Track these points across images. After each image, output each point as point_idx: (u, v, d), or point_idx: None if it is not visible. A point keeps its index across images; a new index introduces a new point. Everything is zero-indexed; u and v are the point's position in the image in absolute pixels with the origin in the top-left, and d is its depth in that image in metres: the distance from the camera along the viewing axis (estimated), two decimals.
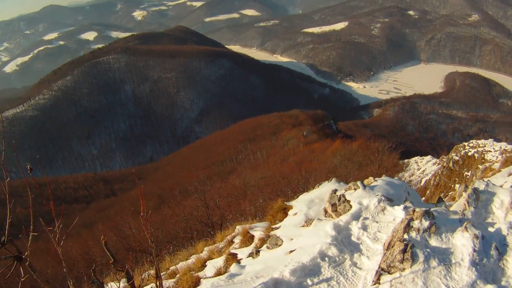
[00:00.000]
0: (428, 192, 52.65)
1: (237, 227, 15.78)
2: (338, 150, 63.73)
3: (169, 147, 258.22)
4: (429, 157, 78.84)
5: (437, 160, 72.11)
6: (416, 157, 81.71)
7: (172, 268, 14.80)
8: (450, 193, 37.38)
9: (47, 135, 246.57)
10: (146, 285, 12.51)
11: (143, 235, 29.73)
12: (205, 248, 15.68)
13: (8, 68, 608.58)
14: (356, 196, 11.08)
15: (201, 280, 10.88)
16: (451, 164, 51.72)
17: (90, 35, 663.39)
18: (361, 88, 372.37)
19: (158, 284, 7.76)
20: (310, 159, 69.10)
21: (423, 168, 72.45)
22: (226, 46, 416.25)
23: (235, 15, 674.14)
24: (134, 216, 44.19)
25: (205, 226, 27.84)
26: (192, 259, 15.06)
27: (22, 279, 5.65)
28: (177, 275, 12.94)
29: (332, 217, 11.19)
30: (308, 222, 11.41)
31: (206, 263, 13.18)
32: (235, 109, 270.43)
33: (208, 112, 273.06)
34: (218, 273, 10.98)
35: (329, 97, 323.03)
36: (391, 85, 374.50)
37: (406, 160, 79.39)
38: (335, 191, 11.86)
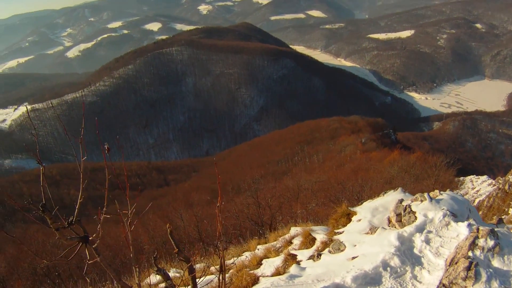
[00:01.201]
0: (480, 213, 51.66)
1: (292, 228, 15.66)
2: (395, 160, 62.85)
3: (226, 143, 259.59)
4: (485, 177, 77.15)
5: (493, 181, 70.50)
6: (471, 176, 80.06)
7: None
8: (504, 217, 36.70)
9: (104, 121, 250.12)
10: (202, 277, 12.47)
11: (192, 227, 30.08)
12: (259, 246, 15.67)
13: (71, 54, 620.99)
14: (422, 208, 10.97)
15: (260, 278, 10.90)
16: (507, 187, 50.57)
17: (154, 26, 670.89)
18: (423, 100, 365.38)
19: (221, 277, 7.87)
20: (367, 167, 68.31)
21: (477, 187, 70.93)
22: (290, 46, 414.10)
23: (301, 15, 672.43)
24: (186, 207, 44.53)
25: (255, 224, 27.90)
26: (245, 255, 15.09)
27: (89, 262, 5.76)
28: (230, 271, 12.79)
29: (396, 227, 11.10)
30: (372, 229, 11.32)
31: (262, 261, 13.09)
32: (295, 110, 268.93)
33: (268, 110, 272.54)
34: (277, 272, 10.97)
35: (390, 106, 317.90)
36: (453, 98, 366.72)
37: (461, 178, 78.08)
38: (401, 201, 11.82)
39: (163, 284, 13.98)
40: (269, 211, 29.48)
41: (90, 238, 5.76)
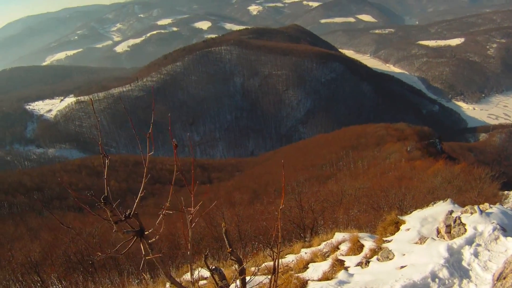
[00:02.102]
0: None
1: (337, 233, 15.78)
2: (439, 171, 62.20)
3: (272, 144, 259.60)
4: None
5: None
6: None
7: (266, 264, 14.47)
8: None
9: (150, 116, 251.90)
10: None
11: (233, 226, 30.30)
12: (303, 250, 15.70)
13: (119, 48, 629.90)
14: (472, 220, 10.93)
15: (309, 282, 10.89)
16: None
17: (204, 25, 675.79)
18: (470, 110, 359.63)
19: (273, 279, 7.60)
20: (410, 176, 67.77)
21: None
22: (340, 50, 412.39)
23: (351, 19, 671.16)
24: (228, 206, 44.85)
25: (296, 227, 27.90)
26: (289, 258, 15.20)
27: (146, 258, 5.65)
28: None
29: (445, 238, 11.06)
30: (421, 239, 11.32)
31: (309, 265, 13.20)
32: (342, 114, 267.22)
33: (314, 113, 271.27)
34: (325, 277, 10.97)
35: (438, 115, 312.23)
36: (501, 110, 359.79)
37: (506, 192, 76.88)
38: (450, 212, 11.79)
39: (203, 281, 14.17)
40: (312, 214, 29.46)
41: (145, 233, 5.73)
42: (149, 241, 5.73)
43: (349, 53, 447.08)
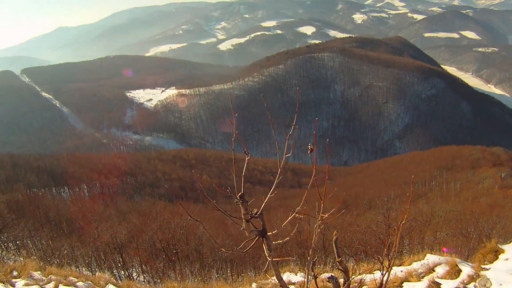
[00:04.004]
0: None
1: (428, 255, 15.82)
2: None
3: (366, 156, 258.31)
4: None
5: None
6: None
7: (355, 277, 14.83)
8: None
9: (248, 116, 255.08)
10: None
11: (320, 234, 31.37)
12: (394, 268, 15.59)
13: (223, 46, 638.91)
14: None
15: None
16: None
17: (308, 30, 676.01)
18: None
19: None
20: (503, 204, 66.20)
21: None
22: (441, 66, 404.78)
23: (455, 35, 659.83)
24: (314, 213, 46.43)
25: (381, 243, 28.17)
26: (378, 274, 14.44)
27: (272, 260, 6.02)
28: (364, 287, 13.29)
29: None
30: None
31: (403, 284, 13.76)
32: (439, 132, 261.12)
33: (412, 129, 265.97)
34: None
35: None
36: None
37: None
38: None
39: (292, 286, 15.64)
40: (398, 232, 29.92)
41: (268, 234, 6.12)
42: (273, 242, 6.21)
43: (450, 70, 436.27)
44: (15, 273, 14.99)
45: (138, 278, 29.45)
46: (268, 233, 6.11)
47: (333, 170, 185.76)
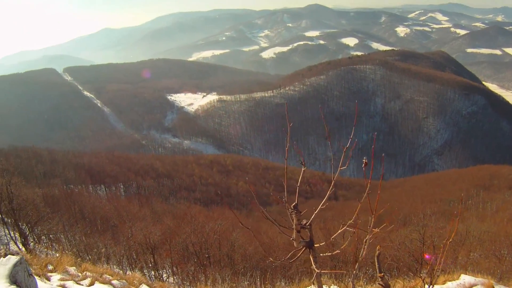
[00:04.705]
0: None
1: (463, 275, 15.95)
2: None
3: (403, 171, 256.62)
4: None
5: None
6: None
7: None
8: None
9: (287, 125, 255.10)
10: None
11: (352, 247, 31.23)
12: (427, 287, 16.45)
13: (265, 54, 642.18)
14: None
15: None
16: None
17: (350, 41, 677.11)
18: None
19: None
20: None
21: None
22: (483, 82, 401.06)
23: (497, 52, 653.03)
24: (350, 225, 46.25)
25: (415, 261, 26.45)
26: None
27: (319, 271, 6.06)
28: None
29: None
30: None
31: None
32: (478, 150, 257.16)
33: (451, 146, 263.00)
34: None
35: None
36: None
37: None
38: None
39: None
40: (433, 251, 29.75)
41: (315, 245, 6.16)
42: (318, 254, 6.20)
43: (492, 87, 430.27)
44: (50, 267, 15.24)
45: (168, 280, 29.51)
46: (315, 245, 6.17)
47: (372, 184, 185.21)
